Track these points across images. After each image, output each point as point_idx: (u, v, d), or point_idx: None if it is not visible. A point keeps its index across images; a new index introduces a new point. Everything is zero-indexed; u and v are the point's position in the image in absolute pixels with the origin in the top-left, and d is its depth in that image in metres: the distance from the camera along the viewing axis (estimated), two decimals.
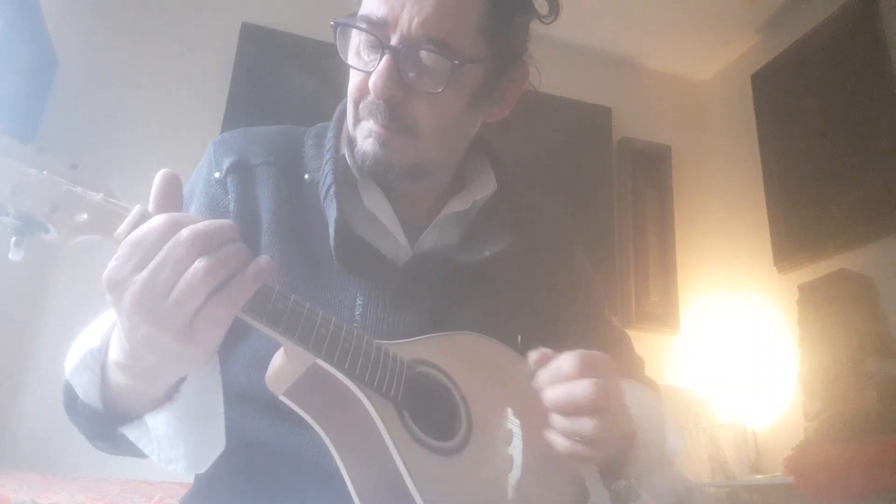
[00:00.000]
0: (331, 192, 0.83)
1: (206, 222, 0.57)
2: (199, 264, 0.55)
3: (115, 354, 0.64)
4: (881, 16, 2.67)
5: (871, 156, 2.61)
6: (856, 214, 2.63)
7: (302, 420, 0.68)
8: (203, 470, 0.72)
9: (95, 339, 0.67)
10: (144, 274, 0.55)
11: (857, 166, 2.66)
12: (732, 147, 3.39)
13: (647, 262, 3.22)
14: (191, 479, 0.87)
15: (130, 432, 0.69)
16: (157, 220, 0.56)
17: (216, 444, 0.70)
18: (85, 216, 0.57)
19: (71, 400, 0.70)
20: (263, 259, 0.58)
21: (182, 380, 0.66)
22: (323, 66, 3.00)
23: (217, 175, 0.86)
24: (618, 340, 1.03)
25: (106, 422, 0.68)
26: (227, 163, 0.86)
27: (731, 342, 3.03)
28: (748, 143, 3.22)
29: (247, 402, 0.77)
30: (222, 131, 2.68)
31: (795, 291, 2.67)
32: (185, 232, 0.56)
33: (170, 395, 0.67)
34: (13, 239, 0.57)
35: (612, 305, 3.04)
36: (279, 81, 2.85)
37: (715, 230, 3.35)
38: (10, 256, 0.57)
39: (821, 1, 2.93)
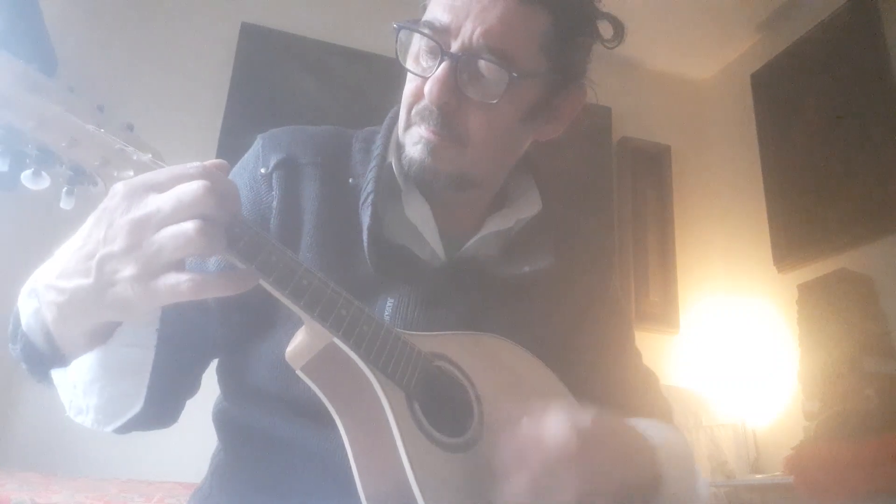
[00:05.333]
0: (369, 199, 0.82)
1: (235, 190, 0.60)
2: (205, 222, 0.55)
3: (45, 276, 0.62)
4: (881, 16, 2.67)
5: (870, 156, 2.61)
6: (856, 214, 2.63)
7: (323, 418, 0.69)
8: (110, 429, 0.70)
9: None
10: (162, 198, 0.55)
11: (857, 166, 2.66)
12: (732, 147, 3.39)
13: (647, 262, 3.22)
14: (191, 480, 0.87)
15: (57, 375, 0.67)
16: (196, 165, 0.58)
17: (131, 403, 0.68)
18: (131, 173, 0.60)
19: (15, 328, 0.69)
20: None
21: (116, 326, 0.64)
22: (322, 66, 2.99)
23: (263, 171, 0.85)
24: (644, 379, 0.99)
25: (39, 358, 0.67)
26: (274, 159, 0.86)
27: (731, 342, 3.03)
28: (748, 143, 3.21)
29: (269, 399, 0.78)
30: (222, 131, 2.69)
31: (795, 291, 2.66)
32: (223, 183, 0.57)
33: (101, 339, 0.64)
34: (64, 189, 0.62)
35: None
36: (279, 81, 2.85)
37: (715, 230, 3.34)
38: (62, 205, 0.63)
39: (821, 1, 2.93)
